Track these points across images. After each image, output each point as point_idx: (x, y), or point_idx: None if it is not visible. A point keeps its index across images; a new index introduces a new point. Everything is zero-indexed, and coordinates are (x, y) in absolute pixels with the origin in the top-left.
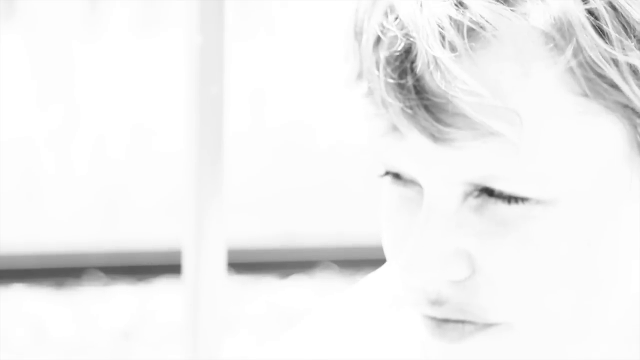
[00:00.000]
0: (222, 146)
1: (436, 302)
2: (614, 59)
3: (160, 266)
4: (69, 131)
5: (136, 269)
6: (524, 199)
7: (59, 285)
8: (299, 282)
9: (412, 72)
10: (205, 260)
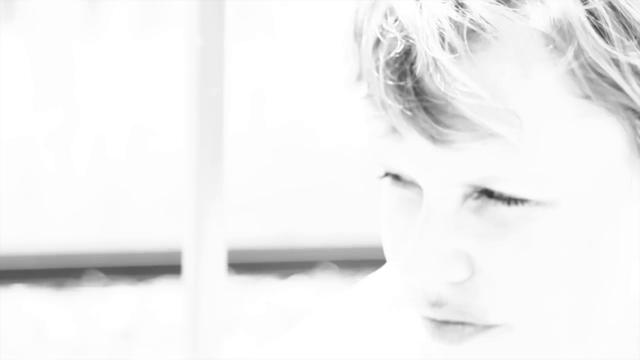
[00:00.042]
0: (222, 146)
1: (436, 304)
2: (615, 59)
3: (160, 266)
4: (68, 131)
5: (136, 270)
6: (524, 201)
7: (59, 285)
8: (299, 283)
9: (411, 73)
10: (205, 260)
